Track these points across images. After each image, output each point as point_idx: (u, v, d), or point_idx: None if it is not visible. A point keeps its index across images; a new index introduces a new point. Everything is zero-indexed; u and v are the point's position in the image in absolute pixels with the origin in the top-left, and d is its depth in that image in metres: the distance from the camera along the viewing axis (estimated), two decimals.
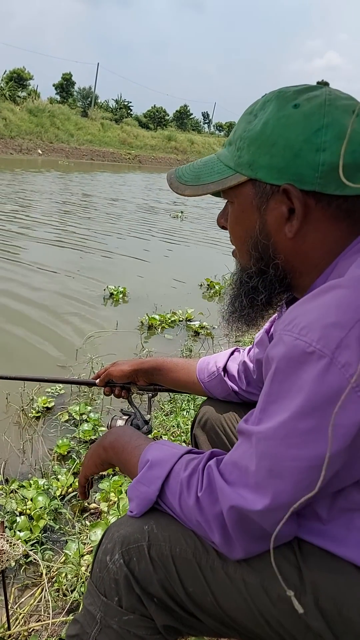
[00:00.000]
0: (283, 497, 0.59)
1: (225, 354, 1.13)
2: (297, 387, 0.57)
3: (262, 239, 0.71)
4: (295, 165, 0.64)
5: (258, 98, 0.73)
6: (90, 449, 0.92)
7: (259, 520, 0.62)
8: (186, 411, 2.32)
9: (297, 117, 0.65)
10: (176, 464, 0.72)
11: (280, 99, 0.67)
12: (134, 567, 0.70)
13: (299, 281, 0.72)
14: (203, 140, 41.31)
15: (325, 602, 0.63)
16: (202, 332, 3.56)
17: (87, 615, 0.73)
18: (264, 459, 0.60)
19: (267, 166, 0.67)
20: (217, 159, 0.74)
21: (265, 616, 0.66)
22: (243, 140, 0.69)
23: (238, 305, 0.78)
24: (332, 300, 0.58)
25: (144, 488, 0.72)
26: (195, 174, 0.75)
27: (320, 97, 0.66)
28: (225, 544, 0.66)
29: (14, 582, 1.35)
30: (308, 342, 0.56)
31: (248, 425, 0.64)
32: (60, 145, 26.22)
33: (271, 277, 0.73)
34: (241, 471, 0.63)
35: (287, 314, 0.62)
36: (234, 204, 0.74)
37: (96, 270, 4.99)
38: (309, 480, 0.57)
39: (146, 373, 1.18)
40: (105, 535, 0.75)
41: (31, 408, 2.29)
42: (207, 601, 0.69)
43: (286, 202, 0.67)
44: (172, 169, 0.81)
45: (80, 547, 1.41)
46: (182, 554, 0.70)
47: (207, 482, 0.67)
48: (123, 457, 0.81)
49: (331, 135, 0.63)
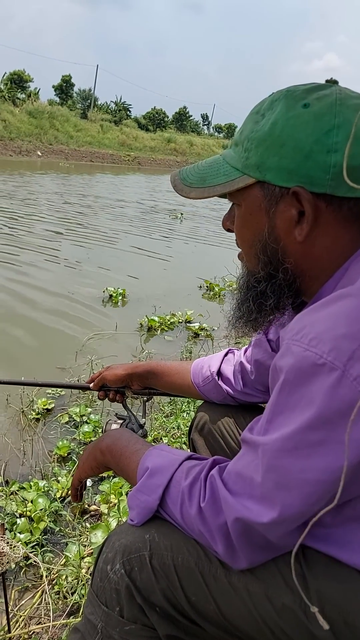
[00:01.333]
0: (290, 510, 0.58)
1: (219, 357, 1.12)
2: (307, 400, 0.55)
3: (271, 242, 0.69)
4: (305, 167, 0.62)
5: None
6: (85, 451, 0.90)
7: (264, 532, 0.61)
8: (186, 413, 2.31)
9: (307, 117, 0.63)
10: (176, 472, 0.70)
11: (289, 98, 0.65)
12: (135, 577, 0.69)
13: (308, 285, 0.71)
14: (202, 142, 41.36)
15: (330, 611, 0.62)
16: (202, 333, 3.56)
17: (87, 624, 0.72)
18: (270, 471, 0.58)
19: (276, 168, 0.64)
20: (223, 160, 0.72)
21: (269, 625, 0.65)
22: (250, 141, 0.67)
23: (245, 310, 0.76)
24: (342, 310, 0.57)
25: (144, 497, 0.71)
26: (201, 176, 0.73)
27: (330, 96, 0.63)
28: (228, 554, 0.65)
29: (14, 584, 1.35)
30: (319, 353, 0.55)
31: (253, 435, 0.63)
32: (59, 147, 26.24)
33: (280, 282, 0.70)
34: (246, 482, 0.62)
35: (294, 323, 0.60)
36: (240, 206, 0.72)
37: (95, 272, 4.99)
38: (317, 494, 0.57)
39: (140, 377, 1.16)
40: (106, 543, 0.73)
41: (31, 409, 2.29)
42: (210, 610, 0.68)
43: (296, 205, 0.65)
44: (176, 170, 0.78)
45: (80, 550, 1.40)
46: (184, 563, 0.69)
47: (210, 492, 0.65)
48: (121, 461, 0.80)
49: (343, 135, 0.61)
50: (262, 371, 1.01)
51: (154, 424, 2.23)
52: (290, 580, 0.64)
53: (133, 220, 8.82)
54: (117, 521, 1.50)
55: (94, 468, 0.87)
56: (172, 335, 3.51)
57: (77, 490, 0.94)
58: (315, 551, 0.66)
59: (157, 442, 2.08)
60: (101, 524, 1.53)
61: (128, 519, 0.74)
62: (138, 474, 0.74)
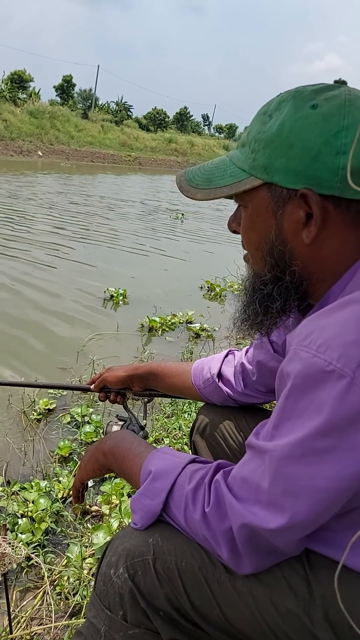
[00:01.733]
0: (298, 517, 0.58)
1: (219, 358, 1.11)
2: (315, 406, 0.55)
3: (278, 245, 0.68)
4: (313, 168, 0.62)
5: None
6: (87, 452, 0.89)
7: (270, 538, 0.60)
8: (187, 414, 2.31)
9: (315, 118, 0.62)
10: (180, 476, 0.70)
11: (297, 99, 0.64)
12: (139, 581, 0.69)
13: (315, 287, 0.70)
14: (203, 142, 41.36)
15: (335, 615, 0.62)
16: (203, 334, 3.56)
17: (91, 628, 0.72)
18: (278, 478, 0.58)
19: (283, 169, 0.64)
20: (230, 161, 0.71)
21: (273, 629, 0.65)
22: (258, 142, 0.66)
23: (251, 313, 0.75)
24: (351, 316, 0.56)
25: (147, 501, 0.71)
26: (207, 177, 0.72)
27: (339, 97, 0.62)
28: (233, 559, 0.64)
29: (16, 585, 1.35)
30: (327, 360, 0.54)
31: (259, 440, 0.62)
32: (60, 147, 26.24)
33: (287, 284, 0.70)
34: (252, 488, 0.61)
35: (302, 327, 0.60)
36: (247, 208, 0.71)
37: (96, 272, 4.99)
38: (326, 501, 0.56)
39: (141, 379, 1.16)
40: (109, 547, 0.73)
41: (32, 410, 2.29)
42: (214, 614, 0.68)
43: (304, 207, 0.64)
44: (181, 170, 0.77)
45: (82, 550, 1.40)
46: (188, 567, 0.68)
47: (214, 497, 0.65)
48: (124, 464, 0.79)
49: (352, 137, 0.60)
50: (264, 372, 1.00)
51: (155, 424, 2.23)
52: (294, 585, 0.64)
53: (135, 221, 8.83)
54: (119, 522, 1.50)
55: (95, 470, 0.87)
56: (173, 336, 3.51)
57: (79, 492, 0.94)
58: (320, 555, 0.66)
59: (159, 442, 2.08)
60: (102, 524, 1.53)
61: (131, 522, 0.74)
62: (141, 477, 0.73)
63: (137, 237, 7.26)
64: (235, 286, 4.81)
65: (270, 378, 0.99)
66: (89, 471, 0.88)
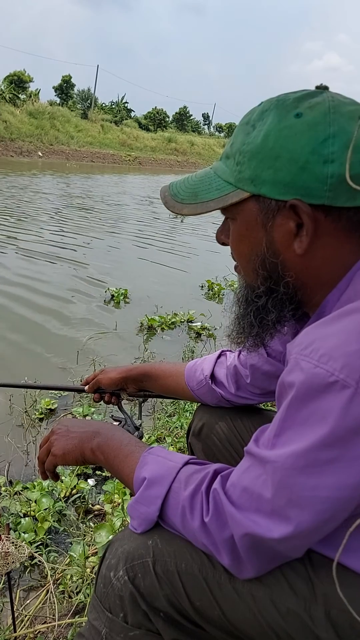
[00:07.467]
0: (303, 526, 0.57)
1: (212, 360, 1.09)
2: (318, 417, 0.54)
3: (270, 257, 0.67)
4: (302, 179, 0.60)
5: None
6: (69, 439, 0.83)
7: (274, 546, 0.60)
8: (189, 412, 2.31)
9: (300, 127, 0.60)
10: (174, 482, 0.69)
11: (280, 108, 0.63)
12: (139, 584, 0.68)
13: (310, 297, 0.69)
14: (203, 141, 41.36)
15: (336, 615, 0.62)
16: (204, 333, 3.56)
17: (92, 630, 0.72)
18: (282, 488, 0.57)
19: (271, 181, 0.62)
20: (215, 174, 0.69)
21: (274, 629, 0.65)
22: (243, 154, 0.64)
23: (246, 325, 0.73)
24: (353, 326, 0.56)
25: (143, 508, 0.70)
26: (192, 192, 0.70)
27: (323, 104, 0.61)
28: (235, 566, 0.64)
29: (20, 584, 1.35)
30: (330, 371, 0.53)
31: (260, 449, 0.61)
32: (60, 147, 26.27)
33: (281, 296, 0.68)
34: (253, 497, 0.60)
35: (302, 336, 0.59)
36: (236, 220, 0.69)
37: (97, 272, 4.99)
38: (330, 510, 0.56)
39: (135, 380, 1.15)
40: (109, 549, 0.73)
41: (34, 410, 2.29)
42: (215, 615, 0.68)
43: (294, 218, 0.63)
44: (165, 185, 0.75)
45: (85, 549, 1.41)
46: (187, 569, 0.68)
47: (213, 506, 0.64)
48: (115, 463, 0.77)
49: (339, 145, 0.59)
50: (258, 376, 1.00)
51: (156, 423, 2.23)
52: (295, 584, 0.64)
53: (134, 219, 8.83)
54: (122, 521, 1.50)
55: (78, 461, 0.82)
56: (174, 335, 3.51)
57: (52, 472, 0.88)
58: (321, 555, 0.66)
59: (161, 441, 2.08)
60: (105, 523, 1.54)
61: (130, 525, 0.73)
62: (135, 483, 0.72)
63: (138, 237, 7.26)
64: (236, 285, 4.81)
65: (265, 381, 1.00)
66: (69, 460, 0.82)
